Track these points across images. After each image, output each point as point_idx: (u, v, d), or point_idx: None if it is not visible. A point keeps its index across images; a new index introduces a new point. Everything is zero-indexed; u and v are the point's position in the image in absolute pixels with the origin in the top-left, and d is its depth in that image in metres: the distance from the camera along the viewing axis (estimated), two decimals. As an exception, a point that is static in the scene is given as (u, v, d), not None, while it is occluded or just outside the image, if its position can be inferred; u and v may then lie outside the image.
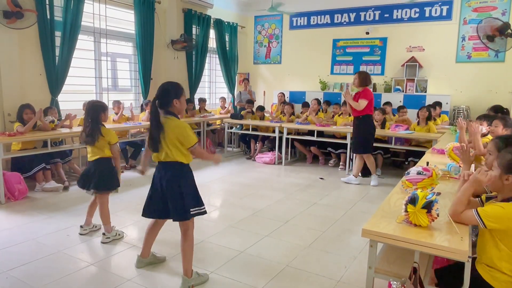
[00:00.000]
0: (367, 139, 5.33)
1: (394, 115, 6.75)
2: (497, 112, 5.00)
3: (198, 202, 2.60)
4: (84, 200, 4.38)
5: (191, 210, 2.54)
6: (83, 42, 5.95)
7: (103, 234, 3.34)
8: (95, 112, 3.24)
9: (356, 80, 5.19)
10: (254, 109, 7.58)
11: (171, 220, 2.59)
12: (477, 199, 2.03)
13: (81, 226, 3.48)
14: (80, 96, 5.96)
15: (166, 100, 2.55)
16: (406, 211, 1.84)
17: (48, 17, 5.18)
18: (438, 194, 1.98)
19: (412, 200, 1.83)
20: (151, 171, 2.73)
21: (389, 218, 1.92)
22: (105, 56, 6.36)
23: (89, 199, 4.19)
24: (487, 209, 1.76)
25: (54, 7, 5.23)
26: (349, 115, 6.24)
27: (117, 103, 6.09)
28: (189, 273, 2.60)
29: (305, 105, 7.21)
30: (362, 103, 5.11)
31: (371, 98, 5.18)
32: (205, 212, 2.63)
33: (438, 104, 6.58)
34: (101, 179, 3.28)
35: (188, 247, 2.61)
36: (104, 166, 3.30)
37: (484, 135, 3.52)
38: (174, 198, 2.53)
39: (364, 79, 5.18)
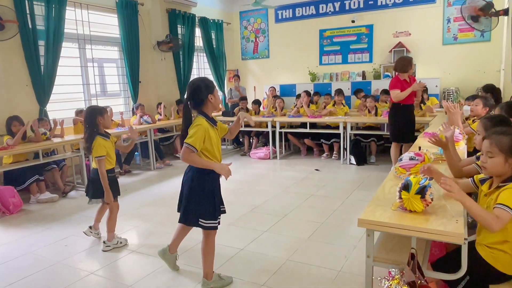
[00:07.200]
0: None
1: (386, 103, 6.75)
2: (487, 92, 5.01)
3: (210, 215, 2.43)
4: (80, 209, 4.37)
5: (200, 220, 2.43)
6: (68, 50, 5.88)
7: (104, 242, 3.29)
8: (90, 117, 3.21)
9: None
10: (248, 106, 7.56)
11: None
12: (469, 179, 2.04)
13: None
14: (69, 104, 5.90)
15: (199, 98, 2.35)
16: (400, 197, 1.84)
17: (30, 26, 5.10)
18: (431, 178, 1.99)
19: (406, 187, 1.82)
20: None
21: (384, 206, 1.92)
22: (91, 62, 6.29)
23: (85, 209, 4.20)
24: (508, 197, 1.69)
25: (35, 16, 5.15)
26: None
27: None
28: (209, 276, 2.56)
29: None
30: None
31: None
32: (216, 227, 2.48)
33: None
34: (97, 188, 3.26)
35: (206, 251, 2.53)
36: (98, 176, 3.28)
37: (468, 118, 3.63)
38: (185, 200, 2.47)
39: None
